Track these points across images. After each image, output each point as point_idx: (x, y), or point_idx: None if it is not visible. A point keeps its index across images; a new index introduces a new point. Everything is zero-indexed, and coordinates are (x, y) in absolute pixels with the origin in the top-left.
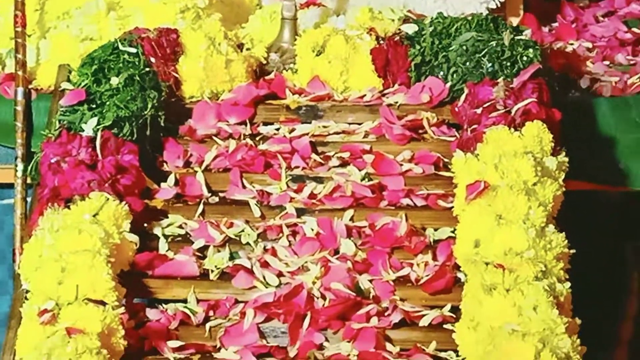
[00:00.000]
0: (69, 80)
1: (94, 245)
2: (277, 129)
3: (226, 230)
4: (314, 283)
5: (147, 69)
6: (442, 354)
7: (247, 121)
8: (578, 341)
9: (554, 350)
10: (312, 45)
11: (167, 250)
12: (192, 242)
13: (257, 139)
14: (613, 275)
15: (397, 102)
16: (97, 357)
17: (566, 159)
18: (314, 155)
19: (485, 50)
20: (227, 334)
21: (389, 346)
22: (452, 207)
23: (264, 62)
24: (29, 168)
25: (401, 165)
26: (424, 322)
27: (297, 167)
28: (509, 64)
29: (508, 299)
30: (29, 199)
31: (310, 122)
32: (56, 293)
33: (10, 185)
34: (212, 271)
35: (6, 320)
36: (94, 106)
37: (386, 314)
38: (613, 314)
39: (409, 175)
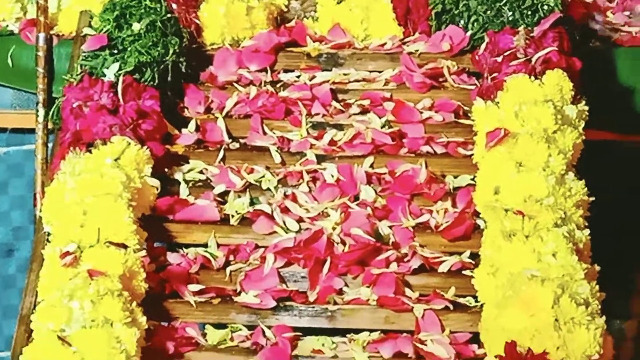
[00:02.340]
0: (90, 26)
1: (115, 189)
2: (298, 77)
3: (247, 175)
4: (333, 229)
5: (169, 15)
6: (461, 300)
7: (268, 68)
8: (597, 287)
9: (573, 295)
10: None
11: (188, 195)
12: (213, 188)
13: (278, 86)
14: (631, 225)
15: (417, 51)
16: (119, 299)
17: (586, 108)
18: (334, 103)
19: None
20: (247, 278)
21: (408, 291)
22: (472, 154)
23: (285, 9)
24: (50, 113)
25: (421, 113)
26: (443, 268)
27: (317, 114)
28: (529, 12)
29: (527, 245)
30: (49, 144)
31: (330, 70)
32: (78, 236)
33: (31, 131)
34: (233, 216)
35: (28, 264)
36: (115, 52)
37: (405, 259)
38: (631, 264)
39: (429, 123)
